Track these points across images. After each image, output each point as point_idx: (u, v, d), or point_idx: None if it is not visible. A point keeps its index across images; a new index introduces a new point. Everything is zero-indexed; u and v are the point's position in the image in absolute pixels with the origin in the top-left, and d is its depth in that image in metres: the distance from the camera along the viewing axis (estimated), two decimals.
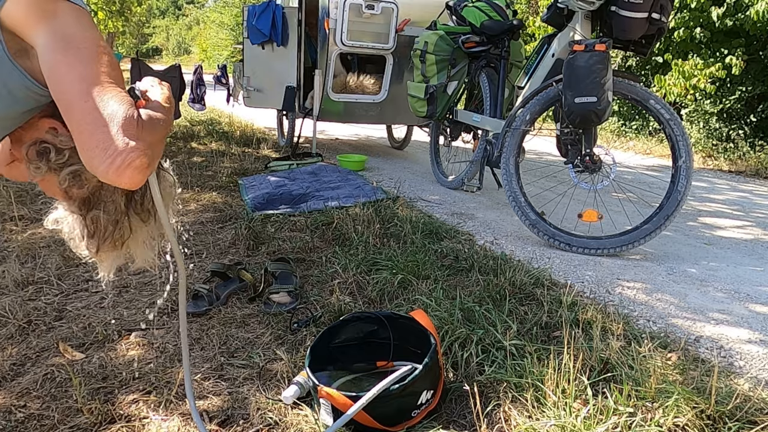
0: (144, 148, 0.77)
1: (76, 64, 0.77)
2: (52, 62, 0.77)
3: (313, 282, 2.04)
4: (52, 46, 0.77)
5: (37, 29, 0.78)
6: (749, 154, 6.23)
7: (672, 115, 2.40)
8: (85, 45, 0.79)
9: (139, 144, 0.77)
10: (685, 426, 1.16)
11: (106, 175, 0.77)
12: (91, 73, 0.77)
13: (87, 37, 0.80)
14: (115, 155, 0.75)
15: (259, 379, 1.42)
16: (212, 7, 36.57)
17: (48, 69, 0.77)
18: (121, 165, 0.76)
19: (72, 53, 0.78)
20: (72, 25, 0.80)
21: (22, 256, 2.22)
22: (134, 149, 0.76)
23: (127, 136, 0.76)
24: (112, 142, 0.75)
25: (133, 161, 0.76)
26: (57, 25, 0.78)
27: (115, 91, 0.78)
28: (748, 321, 1.87)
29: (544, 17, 2.85)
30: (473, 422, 1.23)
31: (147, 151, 0.78)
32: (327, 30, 4.09)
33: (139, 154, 0.76)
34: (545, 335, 1.62)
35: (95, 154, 0.76)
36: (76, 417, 1.26)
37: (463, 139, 3.79)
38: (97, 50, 0.80)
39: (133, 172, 0.77)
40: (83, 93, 0.76)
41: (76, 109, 0.77)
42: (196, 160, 4.32)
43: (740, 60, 6.02)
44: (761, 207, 3.92)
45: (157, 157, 0.82)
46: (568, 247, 2.50)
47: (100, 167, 0.77)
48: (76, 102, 0.76)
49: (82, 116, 0.76)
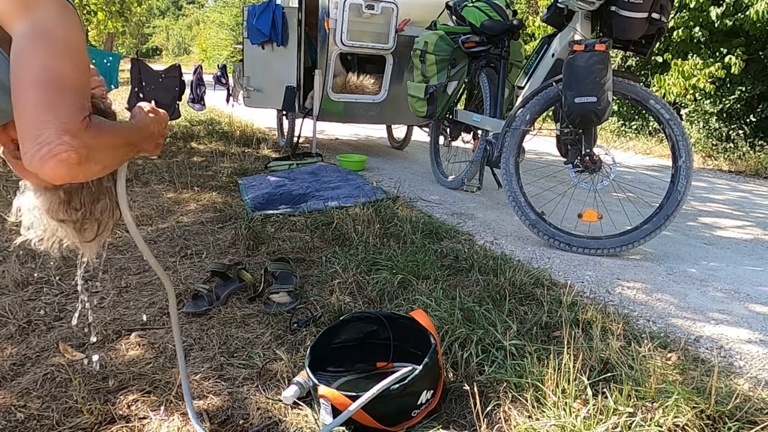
0: (77, 145, 0.76)
1: (42, 55, 0.77)
2: (19, 48, 0.77)
3: (313, 282, 2.04)
4: (26, 36, 0.78)
5: (18, 20, 0.78)
6: (749, 154, 6.23)
7: (672, 115, 2.40)
8: (59, 40, 0.79)
9: (72, 140, 0.76)
10: (684, 426, 1.16)
11: (31, 162, 0.76)
12: (55, 67, 0.77)
13: (64, 35, 0.80)
14: (43, 144, 0.75)
15: (259, 379, 1.42)
16: (212, 7, 36.57)
17: (14, 55, 0.78)
18: (46, 155, 0.75)
19: (43, 44, 0.78)
20: (53, 20, 0.80)
21: (22, 256, 2.22)
22: (65, 143, 0.75)
23: (63, 130, 0.75)
24: (45, 131, 0.75)
25: (59, 153, 0.75)
26: (37, 17, 0.79)
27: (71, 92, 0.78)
28: (748, 321, 1.87)
29: (543, 17, 2.85)
30: (473, 422, 1.23)
31: (80, 150, 0.77)
32: (327, 30, 4.09)
33: (67, 148, 0.75)
34: (545, 335, 1.62)
35: (26, 139, 0.76)
36: (76, 417, 1.26)
37: (463, 139, 3.79)
38: (70, 49, 0.80)
39: (56, 164, 0.75)
40: (38, 81, 0.76)
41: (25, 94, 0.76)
42: (195, 160, 4.32)
43: (739, 60, 6.02)
44: (761, 207, 3.92)
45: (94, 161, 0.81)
46: (568, 247, 2.50)
47: (27, 153, 0.76)
48: (27, 87, 0.76)
49: (28, 102, 0.76)
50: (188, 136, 5.50)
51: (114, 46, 22.10)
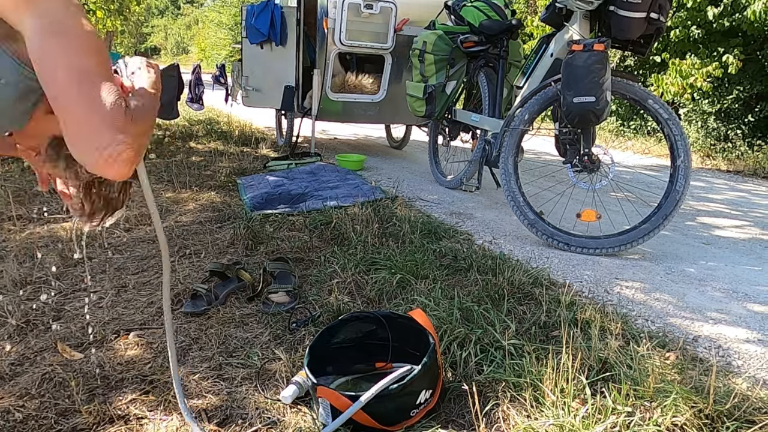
0: (131, 141, 0.78)
1: (65, 52, 0.77)
2: (40, 49, 0.77)
3: (311, 282, 2.04)
4: (41, 33, 0.77)
5: (23, 13, 0.77)
6: (747, 154, 6.25)
7: (670, 115, 2.41)
8: (73, 32, 0.79)
9: (126, 137, 0.77)
10: (683, 425, 1.16)
11: (95, 167, 0.78)
12: (80, 63, 0.77)
13: (75, 24, 0.79)
14: (103, 148, 0.76)
15: (257, 379, 1.42)
16: (211, 6, 36.53)
17: (37, 57, 0.77)
18: (108, 158, 0.77)
19: (60, 40, 0.77)
20: (59, 11, 0.79)
21: (20, 255, 2.22)
22: (121, 142, 0.77)
23: (114, 129, 0.77)
24: (100, 135, 0.76)
25: (120, 154, 0.77)
26: (43, 8, 0.78)
27: (103, 82, 0.78)
28: (746, 320, 1.87)
29: (542, 17, 2.85)
30: (472, 422, 1.23)
31: (133, 144, 0.78)
32: (326, 29, 4.09)
33: (126, 147, 0.77)
34: (544, 335, 1.62)
35: (83, 147, 0.77)
36: (75, 417, 1.26)
37: (461, 139, 3.79)
38: (86, 37, 0.80)
39: (121, 165, 0.78)
40: (71, 83, 0.76)
41: (63, 100, 0.77)
42: (194, 159, 4.31)
43: (737, 59, 6.03)
44: (759, 206, 3.92)
45: (143, 147, 0.83)
46: (566, 246, 2.50)
47: (89, 160, 0.78)
48: (63, 92, 0.76)
49: (69, 107, 0.76)
50: (187, 136, 5.50)
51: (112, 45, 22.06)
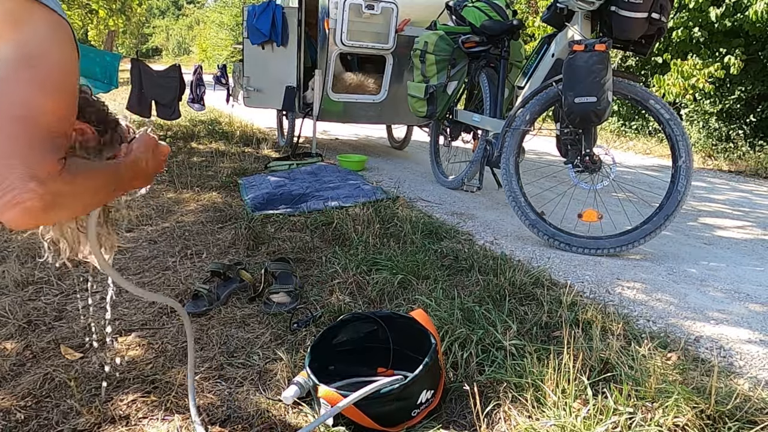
0: (43, 192, 0.71)
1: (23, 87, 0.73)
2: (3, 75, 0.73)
3: (312, 282, 2.04)
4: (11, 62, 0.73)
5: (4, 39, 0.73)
6: (749, 154, 6.24)
7: (672, 115, 2.40)
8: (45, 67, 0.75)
9: (39, 188, 0.71)
10: (684, 426, 1.16)
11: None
12: (33, 103, 0.72)
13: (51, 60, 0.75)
14: (6, 190, 0.70)
15: (258, 380, 1.42)
16: (212, 7, 36.57)
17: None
18: (9, 202, 0.70)
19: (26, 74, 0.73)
20: (42, 41, 0.75)
21: (22, 256, 2.22)
22: (30, 191, 0.70)
23: (29, 176, 0.70)
24: (10, 176, 0.70)
25: (22, 202, 0.70)
26: (26, 37, 0.74)
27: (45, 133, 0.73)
28: (747, 321, 1.87)
29: (543, 17, 2.85)
30: (473, 422, 1.23)
31: (45, 197, 0.71)
32: (327, 30, 4.09)
33: (32, 196, 0.70)
34: (545, 335, 1.62)
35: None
36: (76, 417, 1.26)
37: (462, 139, 3.79)
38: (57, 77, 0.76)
39: (19, 213, 0.71)
40: (12, 119, 0.71)
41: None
42: (196, 160, 4.31)
43: (738, 60, 6.03)
44: (761, 207, 3.92)
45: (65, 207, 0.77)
46: (567, 247, 2.50)
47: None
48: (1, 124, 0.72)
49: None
50: (188, 136, 5.50)
51: (114, 45, 22.10)
